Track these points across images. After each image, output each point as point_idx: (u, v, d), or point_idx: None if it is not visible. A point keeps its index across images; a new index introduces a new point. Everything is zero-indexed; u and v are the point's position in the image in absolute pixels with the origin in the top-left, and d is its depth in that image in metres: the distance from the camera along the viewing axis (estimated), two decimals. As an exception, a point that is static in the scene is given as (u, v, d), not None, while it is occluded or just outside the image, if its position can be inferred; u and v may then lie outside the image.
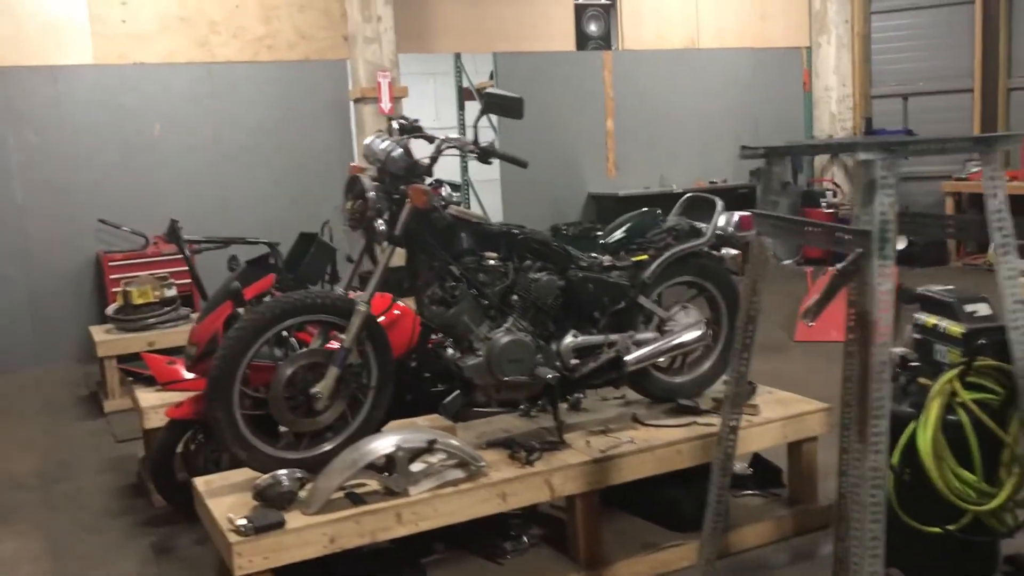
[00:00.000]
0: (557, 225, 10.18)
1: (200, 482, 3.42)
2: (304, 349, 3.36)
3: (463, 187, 11.29)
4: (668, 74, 10.90)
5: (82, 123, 8.26)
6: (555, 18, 10.40)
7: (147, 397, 4.66)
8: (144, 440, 5.09)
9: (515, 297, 3.59)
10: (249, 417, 3.31)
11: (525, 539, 3.64)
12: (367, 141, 3.47)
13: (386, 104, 9.04)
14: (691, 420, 3.73)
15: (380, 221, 3.32)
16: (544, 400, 3.80)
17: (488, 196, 11.59)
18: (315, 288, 3.54)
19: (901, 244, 9.00)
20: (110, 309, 6.77)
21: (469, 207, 13.10)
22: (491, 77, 10.69)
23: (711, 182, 10.96)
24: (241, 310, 4.12)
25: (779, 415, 3.77)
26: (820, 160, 11.75)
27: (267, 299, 4.19)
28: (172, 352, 6.85)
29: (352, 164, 3.58)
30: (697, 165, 11.07)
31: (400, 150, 3.35)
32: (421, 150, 3.50)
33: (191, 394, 4.44)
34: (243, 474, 3.41)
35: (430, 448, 3.18)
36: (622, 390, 4.09)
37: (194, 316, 6.93)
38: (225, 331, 4.04)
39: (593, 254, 3.84)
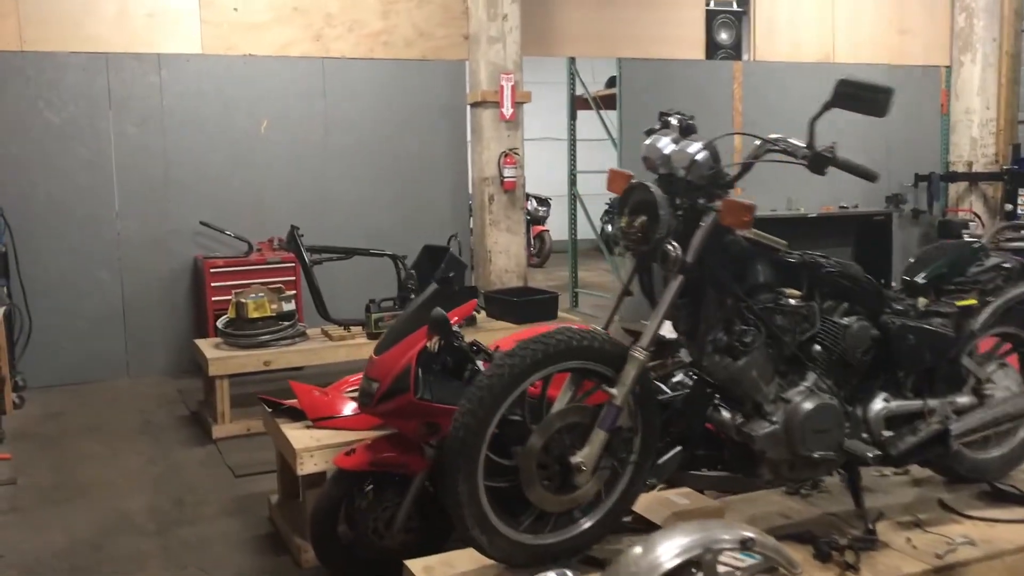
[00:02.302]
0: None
1: (418, 568, 2.67)
2: (566, 406, 2.59)
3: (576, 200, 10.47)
4: (800, 88, 10.05)
5: (185, 116, 7.63)
6: (684, 23, 9.65)
7: (297, 436, 3.91)
8: (279, 480, 4.39)
9: (818, 347, 2.81)
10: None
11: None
12: (649, 140, 2.71)
13: (507, 110, 8.34)
14: (1030, 514, 2.92)
15: (673, 244, 2.55)
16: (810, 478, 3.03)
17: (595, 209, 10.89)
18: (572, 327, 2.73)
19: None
20: (221, 322, 6.08)
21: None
22: (612, 84, 9.95)
23: (841, 206, 10.12)
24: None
25: None
26: (956, 188, 10.85)
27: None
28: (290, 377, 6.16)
29: (613, 168, 2.76)
30: (826, 188, 10.16)
31: (706, 153, 2.58)
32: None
33: (359, 437, 3.72)
34: (466, 559, 2.67)
35: (745, 548, 2.40)
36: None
37: (312, 332, 6.26)
38: (418, 366, 3.32)
39: (899, 294, 3.06)
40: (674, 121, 2.77)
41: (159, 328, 7.59)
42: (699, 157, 2.58)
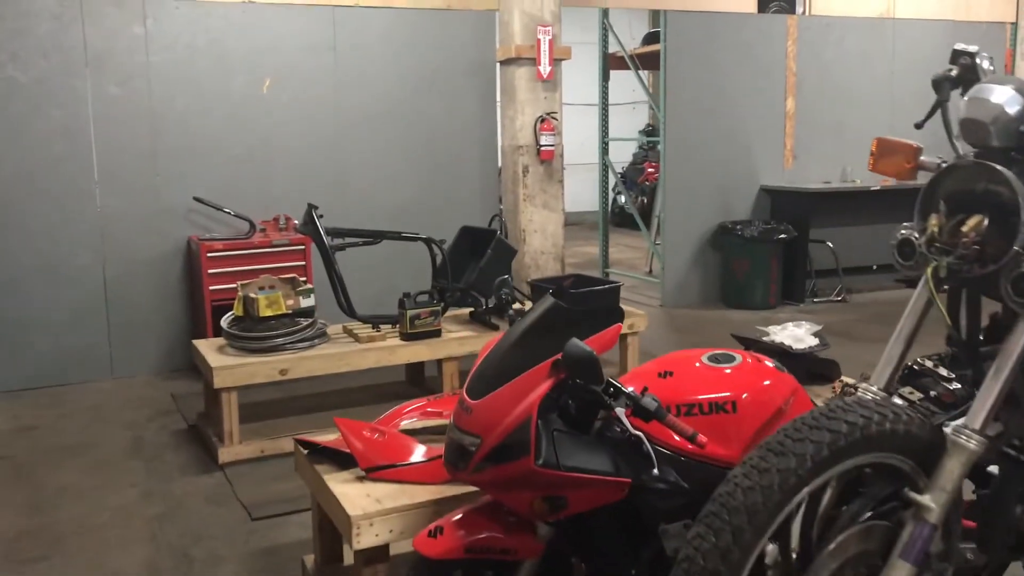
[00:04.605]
0: (725, 223, 8.47)
1: None
2: (859, 525, 1.63)
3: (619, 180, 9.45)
4: (857, 47, 9.07)
5: (175, 75, 6.54)
6: (735, -27, 8.63)
7: (350, 496, 2.92)
8: (317, 538, 3.41)
9: None
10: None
11: None
12: (974, 92, 1.74)
13: (545, 67, 7.32)
14: None
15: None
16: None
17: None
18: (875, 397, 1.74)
19: None
20: (225, 321, 5.07)
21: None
22: (649, 41, 8.91)
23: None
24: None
25: None
26: None
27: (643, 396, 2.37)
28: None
29: (883, 138, 1.75)
30: (884, 158, 9.25)
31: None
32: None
33: (431, 496, 2.76)
34: None
35: None
36: None
37: (332, 331, 5.27)
38: (539, 418, 2.34)
39: None
40: (986, 64, 1.79)
41: (147, 320, 6.56)
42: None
